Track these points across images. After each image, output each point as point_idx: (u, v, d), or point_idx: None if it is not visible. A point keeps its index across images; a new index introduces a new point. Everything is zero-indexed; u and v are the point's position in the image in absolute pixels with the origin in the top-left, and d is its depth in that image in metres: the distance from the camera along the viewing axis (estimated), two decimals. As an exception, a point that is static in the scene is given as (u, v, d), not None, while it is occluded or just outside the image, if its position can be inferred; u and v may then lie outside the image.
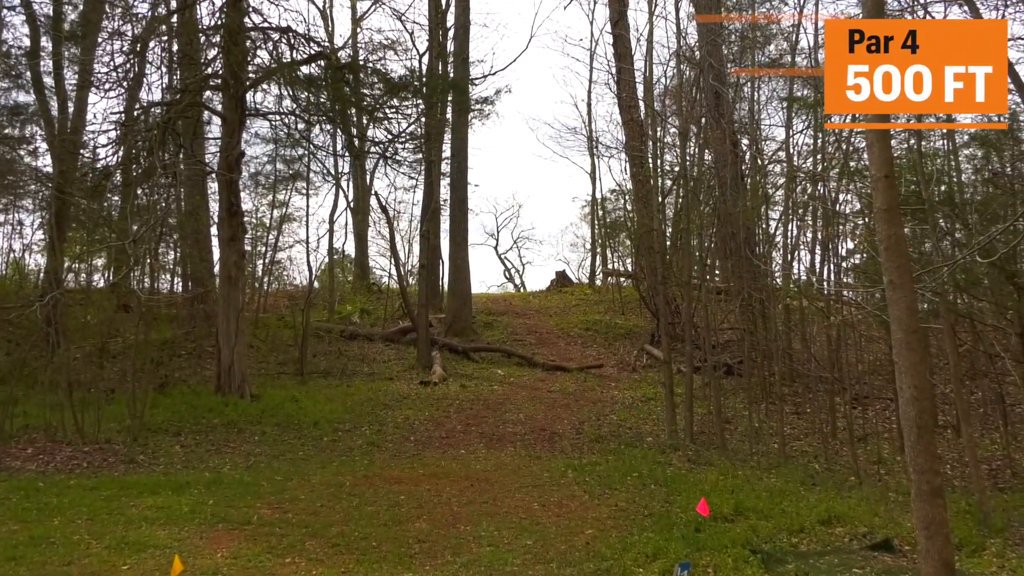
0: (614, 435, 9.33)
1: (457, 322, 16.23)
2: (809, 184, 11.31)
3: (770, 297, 10.17)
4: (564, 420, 10.15)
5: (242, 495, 6.57)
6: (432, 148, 15.14)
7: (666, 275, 11.14)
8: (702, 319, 11.12)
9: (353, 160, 17.82)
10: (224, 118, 10.90)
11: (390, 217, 17.94)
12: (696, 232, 10.77)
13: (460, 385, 12.30)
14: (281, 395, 10.69)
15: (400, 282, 16.68)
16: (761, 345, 10.56)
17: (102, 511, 6.00)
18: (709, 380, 10.11)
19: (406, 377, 12.91)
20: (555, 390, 12.18)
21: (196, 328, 13.53)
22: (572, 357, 14.98)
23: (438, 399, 11.23)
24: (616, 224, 23.31)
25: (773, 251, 11.73)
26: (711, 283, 12.68)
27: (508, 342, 15.94)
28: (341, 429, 9.42)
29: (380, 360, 14.09)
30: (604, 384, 12.75)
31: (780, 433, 8.58)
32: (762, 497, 6.45)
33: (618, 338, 16.28)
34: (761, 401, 10.33)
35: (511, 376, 13.28)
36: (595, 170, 28.13)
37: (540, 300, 22.29)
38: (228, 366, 10.33)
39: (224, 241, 10.82)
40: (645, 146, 14.75)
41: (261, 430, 9.13)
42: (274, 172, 17.52)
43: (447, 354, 14.34)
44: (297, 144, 14.50)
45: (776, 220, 12.37)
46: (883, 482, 7.28)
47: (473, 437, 9.22)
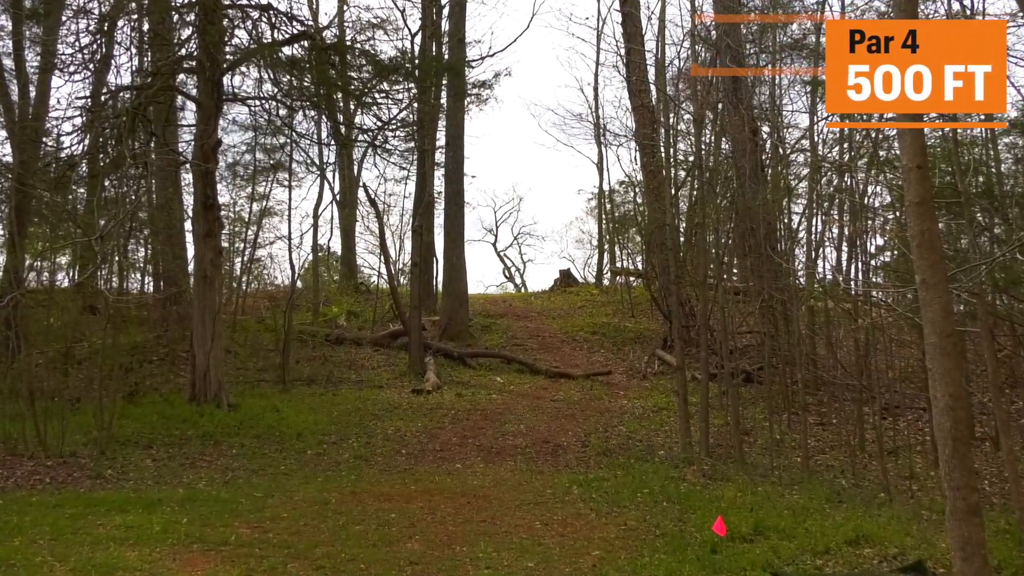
0: (623, 448, 9.33)
1: (452, 325, 16.25)
2: (835, 175, 11.32)
3: (792, 298, 10.18)
4: (569, 432, 10.15)
5: (219, 513, 6.58)
6: (425, 136, 15.15)
7: (679, 274, 11.15)
8: (718, 322, 11.12)
9: (339, 149, 17.82)
10: (199, 103, 10.91)
11: (379, 211, 17.98)
12: (712, 227, 10.78)
13: (456, 394, 12.30)
14: (261, 404, 10.70)
15: (390, 282, 16.70)
16: (783, 350, 10.57)
17: (67, 530, 6.01)
18: (726, 388, 10.11)
19: (397, 385, 12.92)
20: (559, 399, 12.18)
21: (169, 332, 13.54)
22: (577, 363, 14.98)
23: (432, 409, 11.23)
24: (625, 219, 23.35)
25: (796, 248, 11.74)
26: (728, 283, 12.69)
27: (508, 347, 15.94)
28: (326, 441, 9.42)
29: (369, 366, 14.09)
30: (612, 393, 12.75)
31: (803, 446, 8.59)
32: (784, 515, 6.45)
33: (627, 343, 16.29)
34: (783, 411, 10.33)
35: (511, 384, 13.28)
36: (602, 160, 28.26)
37: (542, 301, 22.30)
38: (203, 373, 10.34)
39: (199, 237, 10.83)
40: (657, 134, 14.77)
41: (239, 442, 9.13)
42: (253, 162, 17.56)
43: (441, 360, 14.34)
44: (278, 132, 14.51)
45: (799, 214, 12.39)
46: (915, 499, 7.29)
47: (470, 450, 9.23)
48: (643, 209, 18.80)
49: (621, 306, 19.60)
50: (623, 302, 19.73)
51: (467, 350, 15.09)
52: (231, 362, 12.91)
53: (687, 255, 13.94)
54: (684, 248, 13.84)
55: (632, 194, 22.14)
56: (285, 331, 13.05)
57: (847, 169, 10.38)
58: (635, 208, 20.95)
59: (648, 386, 13.16)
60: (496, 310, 19.94)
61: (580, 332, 17.20)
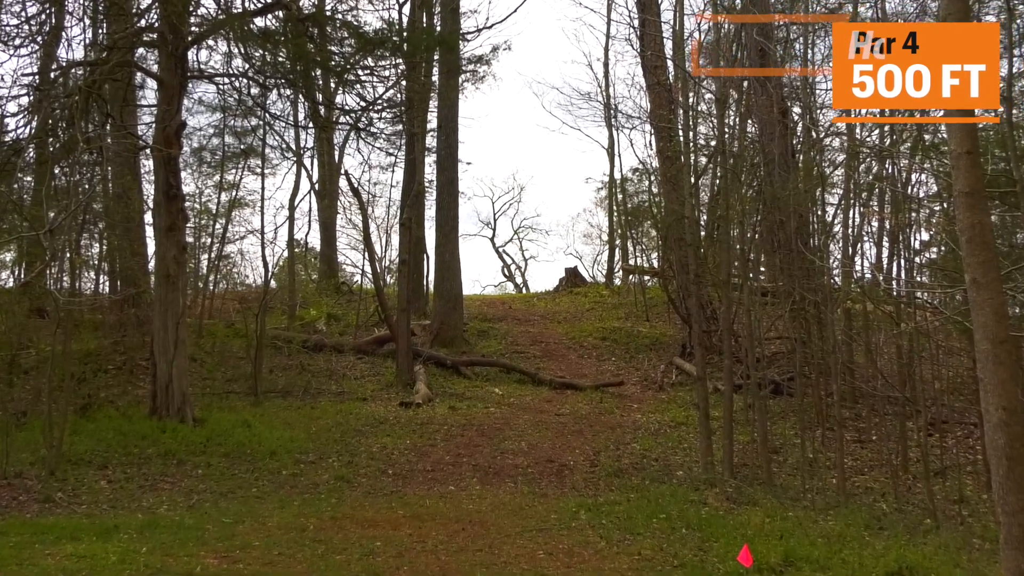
0: (637, 468, 9.34)
1: (445, 330, 16.27)
2: (875, 162, 11.32)
3: (827, 300, 10.18)
4: (576, 449, 10.16)
5: (183, 541, 6.58)
6: (415, 118, 15.18)
7: (700, 273, 11.16)
8: (744, 327, 11.12)
9: (318, 133, 17.82)
10: (161, 81, 10.91)
11: (363, 202, 17.97)
12: (736, 220, 10.78)
13: (449, 407, 12.31)
14: (230, 419, 10.71)
15: (376, 281, 16.71)
16: (816, 358, 10.57)
17: (10, 561, 6.01)
18: (753, 401, 10.12)
19: (383, 397, 12.92)
20: (565, 413, 12.19)
21: (126, 337, 13.55)
22: (585, 373, 14.98)
23: (422, 424, 11.24)
24: (639, 211, 23.39)
25: (831, 243, 11.74)
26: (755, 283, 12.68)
27: (507, 354, 15.95)
28: (303, 460, 9.43)
29: (351, 376, 14.10)
30: (624, 406, 12.76)
31: (840, 466, 8.59)
32: (817, 544, 6.45)
33: (641, 349, 16.31)
34: (816, 426, 10.33)
35: (511, 396, 13.29)
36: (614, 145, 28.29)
37: (546, 303, 22.28)
38: (165, 384, 10.35)
39: (161, 231, 10.84)
40: (674, 115, 14.78)
41: (206, 461, 9.14)
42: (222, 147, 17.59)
43: (433, 369, 14.36)
44: (250, 113, 14.53)
45: (834, 206, 12.39)
46: (965, 526, 7.29)
47: (465, 470, 9.23)
48: (659, 200, 18.82)
49: (634, 309, 19.61)
50: (637, 304, 19.75)
51: (461, 358, 15.10)
52: (197, 371, 12.91)
53: (708, 251, 13.94)
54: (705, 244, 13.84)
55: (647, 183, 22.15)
56: (257, 337, 13.05)
57: (888, 155, 10.38)
58: (650, 199, 20.98)
59: (665, 398, 13.17)
60: (494, 313, 19.93)
61: (588, 338, 17.20)
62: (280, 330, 15.97)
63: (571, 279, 24.93)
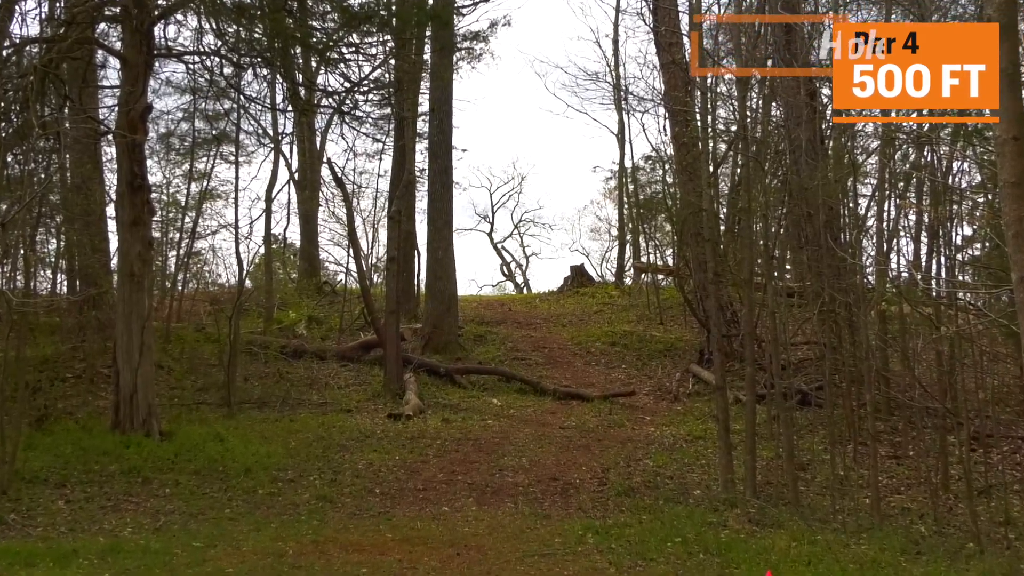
0: (649, 486, 9.33)
1: (438, 334, 16.27)
2: (912, 148, 11.30)
3: (859, 301, 10.15)
4: (582, 466, 10.16)
5: (148, 567, 6.57)
6: (404, 101, 15.17)
7: (719, 271, 11.15)
8: (768, 330, 11.11)
9: (298, 117, 17.85)
10: (124, 60, 10.91)
11: (348, 193, 17.98)
12: (760, 213, 10.76)
13: (442, 419, 12.31)
14: (201, 433, 10.70)
15: (361, 281, 16.71)
16: (847, 365, 10.56)
17: (-41, 589, 6.00)
18: (777, 413, 10.11)
19: (369, 408, 12.92)
20: (570, 426, 12.19)
21: (86, 343, 13.54)
22: (593, 382, 14.98)
23: (412, 438, 11.24)
24: (652, 203, 23.38)
25: (863, 239, 11.73)
26: (780, 282, 12.67)
27: (507, 361, 15.94)
28: (282, 478, 9.43)
29: (334, 386, 14.09)
30: (636, 418, 12.76)
31: (873, 484, 8.58)
32: (849, 571, 6.45)
33: (655, 356, 16.29)
34: (847, 441, 10.32)
35: (511, 407, 13.29)
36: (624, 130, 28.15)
37: (550, 305, 22.25)
38: (130, 394, 10.34)
39: (125, 225, 10.83)
40: (691, 97, 14.77)
41: (174, 479, 9.13)
42: (192, 133, 17.64)
43: (424, 377, 14.36)
44: (223, 95, 14.54)
45: (868, 197, 12.38)
46: (1012, 550, 7.28)
47: (459, 489, 9.23)
48: (674, 191, 18.82)
49: (647, 311, 19.59)
50: (649, 306, 19.73)
51: (456, 365, 15.11)
52: (164, 380, 12.90)
53: (729, 248, 13.94)
54: (725, 239, 13.83)
55: (661, 172, 22.16)
56: (231, 342, 13.05)
57: (927, 141, 10.36)
58: (664, 189, 20.99)
59: (680, 410, 13.16)
60: (492, 316, 19.90)
61: (596, 343, 17.18)
62: (256, 335, 15.97)
63: (577, 278, 24.93)
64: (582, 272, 25.80)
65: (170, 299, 17.04)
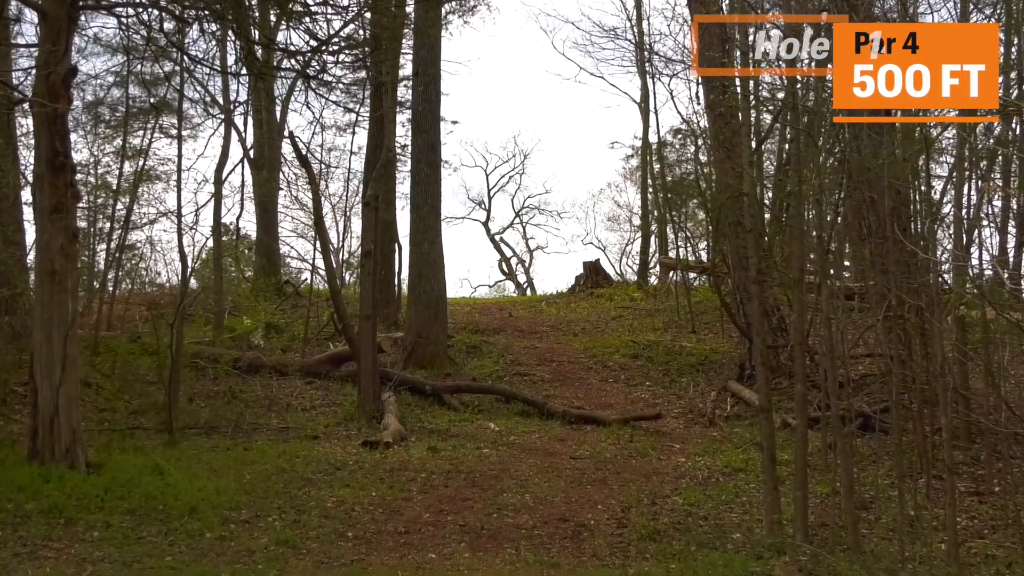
0: (679, 529, 9.32)
1: (423, 345, 16.26)
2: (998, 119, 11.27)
3: (934, 304, 10.14)
4: (598, 505, 10.14)
5: (72, 627, 6.54)
6: (382, 62, 15.16)
7: (764, 269, 11.14)
8: (822, 340, 11.09)
9: (254, 82, 17.76)
10: (43, 13, 10.89)
11: (314, 175, 17.93)
12: (813, 198, 10.75)
13: (428, 448, 12.30)
14: (137, 464, 10.68)
15: (331, 280, 16.73)
16: (919, 383, 10.54)
17: None
18: (834, 440, 10.10)
19: (340, 435, 12.91)
20: (583, 456, 12.18)
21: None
22: (611, 402, 14.95)
23: (392, 470, 11.23)
24: (682, 185, 23.39)
25: (938, 229, 11.72)
26: (837, 282, 12.67)
27: (506, 378, 15.91)
28: (234, 519, 9.41)
29: (298, 407, 14.07)
30: (663, 446, 12.74)
31: (951, 526, 8.57)
32: (921, 631, 6.41)
33: (685, 371, 16.25)
34: (919, 474, 10.30)
35: (511, 433, 13.28)
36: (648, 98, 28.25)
37: (558, 309, 22.22)
38: (50, 417, 10.32)
39: (44, 213, 10.81)
40: (729, 58, 14.76)
41: (104, 520, 9.12)
42: (125, 101, 17.60)
43: (407, 397, 14.35)
44: (163, 55, 14.50)
45: (943, 179, 12.36)
46: (1119, 606, 7.25)
47: (449, 532, 9.22)
48: (709, 171, 18.81)
49: (676, 316, 19.58)
50: (679, 311, 19.73)
51: (445, 382, 15.10)
52: (92, 400, 12.87)
53: (775, 240, 13.92)
54: (771, 229, 13.82)
55: (693, 148, 22.15)
56: (172, 354, 13.03)
57: (1015, 111, 10.36)
58: (697, 170, 20.97)
59: (716, 436, 13.14)
60: (489, 322, 19.87)
61: (614, 355, 17.13)
62: (203, 345, 15.94)
63: (591, 277, 24.97)
64: (597, 270, 25.82)
65: (99, 302, 17.02)
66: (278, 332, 17.96)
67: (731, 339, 17.19)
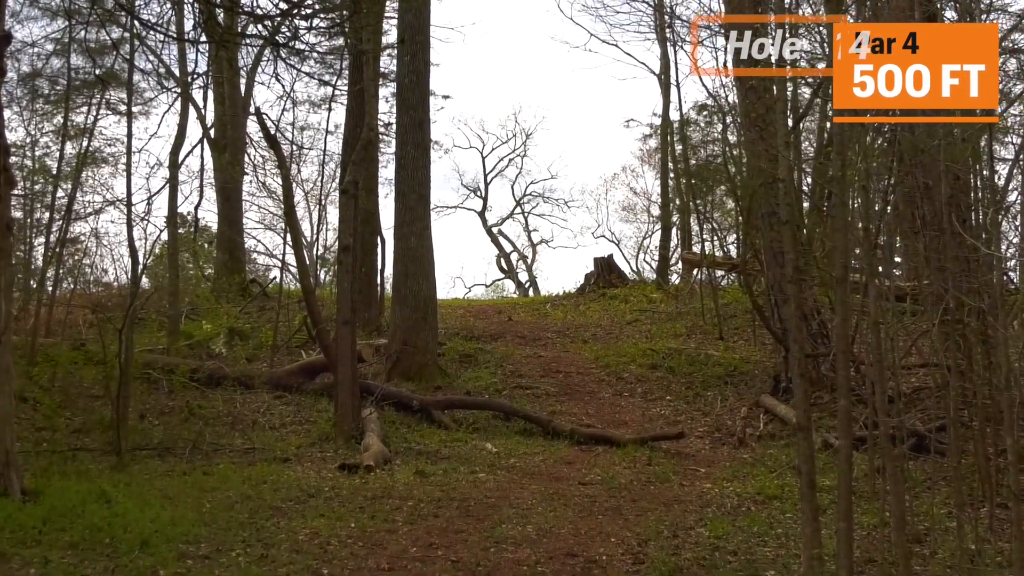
0: (704, 565, 9.30)
1: (410, 354, 16.26)
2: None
3: (997, 307, 10.13)
4: (611, 537, 10.13)
5: None
6: (363, 28, 15.15)
7: (802, 266, 11.13)
8: (870, 348, 11.09)
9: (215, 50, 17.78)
10: (-30, -29, 10.90)
11: (284, 158, 17.93)
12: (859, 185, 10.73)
13: (415, 472, 12.29)
14: (80, 490, 10.67)
15: (303, 279, 16.69)
16: (980, 397, 10.52)
17: None
18: (883, 462, 10.07)
19: (314, 456, 12.90)
20: (594, 481, 12.17)
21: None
22: (626, 419, 14.93)
23: (374, 498, 11.21)
24: (709, 170, 23.40)
25: (1003, 220, 11.72)
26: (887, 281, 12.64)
27: (506, 391, 15.92)
28: (192, 555, 9.39)
29: (265, 425, 14.05)
30: (686, 470, 12.73)
31: (1018, 561, 8.56)
32: None
33: (712, 383, 16.26)
34: (981, 501, 10.28)
35: (511, 454, 13.27)
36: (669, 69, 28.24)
37: (566, 312, 22.20)
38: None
39: (-29, 202, 10.82)
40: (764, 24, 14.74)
41: (42, 556, 9.10)
42: (67, 73, 17.60)
43: (391, 413, 14.35)
44: (110, 20, 14.51)
45: (1009, 162, 12.34)
46: None
47: (440, 569, 9.20)
48: (740, 153, 18.80)
49: (701, 320, 19.55)
50: (705, 314, 19.71)
51: (435, 397, 15.10)
52: (28, 417, 12.85)
53: (815, 233, 13.89)
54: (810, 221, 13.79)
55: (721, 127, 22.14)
56: (121, 364, 13.02)
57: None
58: (726, 152, 20.96)
59: (747, 459, 13.12)
60: (486, 327, 19.84)
61: (631, 365, 17.10)
62: (157, 354, 15.94)
63: (604, 275, 25.00)
64: (611, 266, 25.86)
65: (37, 304, 17.02)
66: (243, 339, 17.96)
67: (764, 347, 17.17)
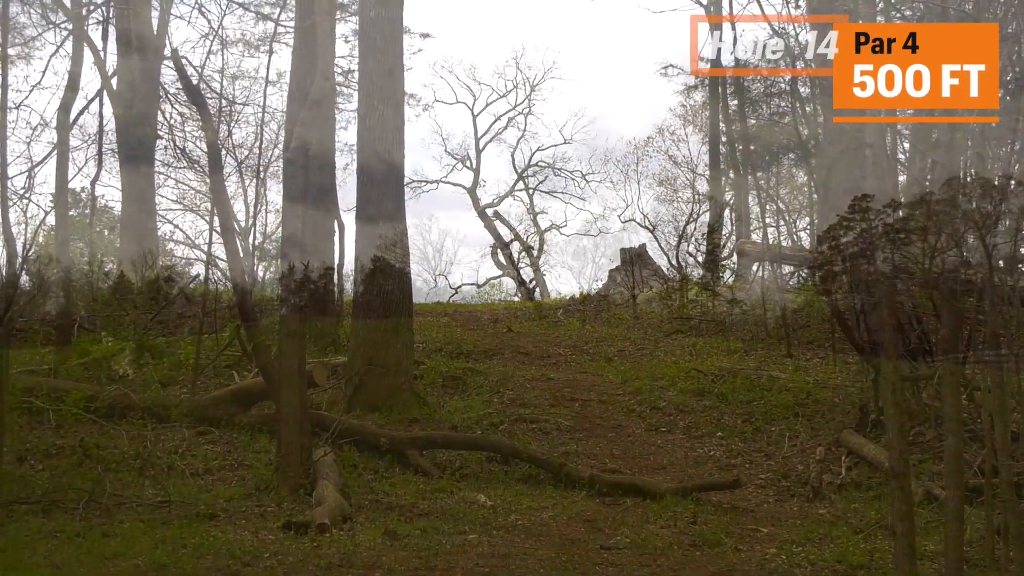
0: (768, 657, 9.30)
1: (378, 375, 16.37)
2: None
3: None
4: (644, 621, 10.12)
5: None
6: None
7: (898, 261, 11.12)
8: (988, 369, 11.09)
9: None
10: None
11: (210, 116, 17.94)
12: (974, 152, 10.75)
13: (384, 532, 12.28)
14: (-62, 558, 10.68)
15: (236, 277, 16.68)
16: None
17: None
18: (1005, 520, 10.08)
19: (250, 512, 12.88)
20: (621, 546, 12.16)
21: None
22: (663, 463, 14.99)
23: (330, 567, 11.20)
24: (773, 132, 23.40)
25: None
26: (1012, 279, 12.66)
27: (504, 425, 16.03)
28: (87, 645, 9.39)
29: (186, 470, 14.05)
30: (743, 530, 12.73)
31: None
32: None
33: (778, 415, 16.37)
34: None
35: (511, 510, 13.27)
36: None
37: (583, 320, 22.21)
38: None
39: None
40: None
41: None
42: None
43: (353, 454, 14.41)
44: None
45: None
46: None
47: (416, 665, 9.19)
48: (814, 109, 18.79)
49: (763, 331, 19.58)
50: (767, 322, 19.73)
51: (411, 433, 15.16)
52: None
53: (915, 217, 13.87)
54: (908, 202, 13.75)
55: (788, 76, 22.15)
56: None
57: None
58: (795, 111, 20.97)
59: (825, 515, 13.14)
60: (478, 340, 19.90)
61: (669, 391, 17.17)
62: (41, 376, 15.93)
63: (632, 270, 25.00)
64: (643, 260, 25.88)
65: None
66: (155, 356, 17.97)
67: (847, 366, 17.18)
